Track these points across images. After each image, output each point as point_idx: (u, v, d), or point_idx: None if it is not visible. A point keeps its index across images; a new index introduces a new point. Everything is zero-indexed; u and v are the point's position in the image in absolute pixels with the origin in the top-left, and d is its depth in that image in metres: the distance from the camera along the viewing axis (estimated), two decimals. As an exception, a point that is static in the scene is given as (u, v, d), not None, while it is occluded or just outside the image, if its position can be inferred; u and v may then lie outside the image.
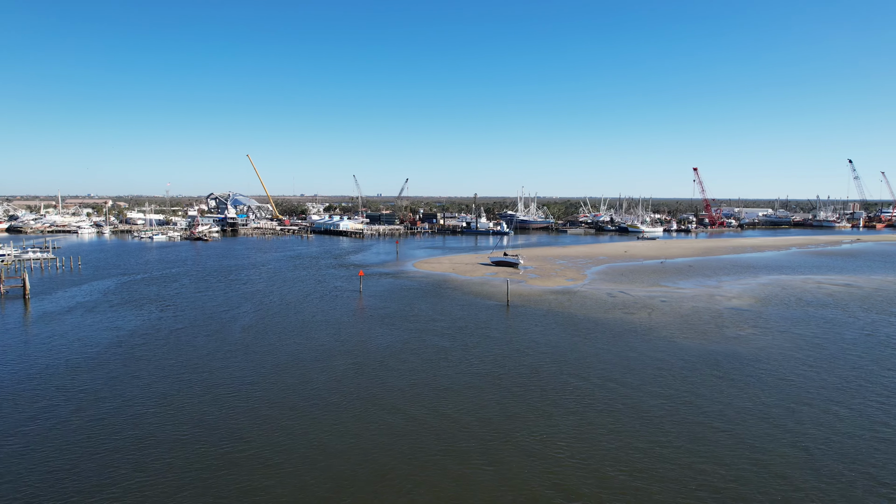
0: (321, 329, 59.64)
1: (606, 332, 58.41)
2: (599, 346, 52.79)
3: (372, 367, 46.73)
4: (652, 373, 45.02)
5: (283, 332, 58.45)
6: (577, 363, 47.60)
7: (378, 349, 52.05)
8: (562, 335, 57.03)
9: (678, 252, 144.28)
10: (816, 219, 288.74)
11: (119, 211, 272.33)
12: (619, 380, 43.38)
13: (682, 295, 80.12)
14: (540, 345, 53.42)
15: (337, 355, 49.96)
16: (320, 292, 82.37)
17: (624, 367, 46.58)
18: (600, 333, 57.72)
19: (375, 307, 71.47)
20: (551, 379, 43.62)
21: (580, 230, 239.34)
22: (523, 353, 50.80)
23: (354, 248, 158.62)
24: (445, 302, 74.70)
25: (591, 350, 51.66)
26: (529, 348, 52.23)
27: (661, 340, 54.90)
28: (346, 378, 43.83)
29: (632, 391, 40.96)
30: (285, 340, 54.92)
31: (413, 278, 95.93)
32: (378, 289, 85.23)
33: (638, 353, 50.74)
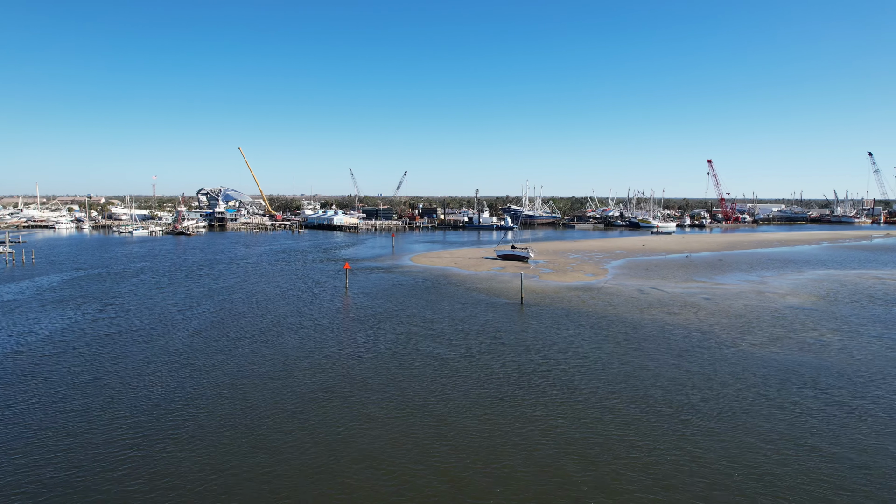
0: (290, 334, 47.46)
1: (649, 337, 46.19)
2: (646, 357, 40.59)
3: (347, 387, 34.55)
4: (732, 396, 32.79)
5: (240, 338, 46.26)
6: (625, 381, 35.39)
7: (358, 361, 39.85)
8: (594, 341, 44.81)
9: (701, 246, 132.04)
10: (834, 214, 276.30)
11: (102, 206, 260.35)
12: (691, 407, 31.16)
13: (725, 291, 67.89)
14: (568, 354, 41.21)
15: (303, 371, 37.77)
16: (299, 288, 70.20)
17: (689, 386, 34.37)
18: (642, 339, 45.51)
19: (362, 306, 59.33)
20: (596, 406, 31.42)
21: (588, 225, 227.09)
22: (549, 365, 38.60)
23: (347, 242, 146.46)
24: (445, 300, 62.52)
25: (636, 361, 39.44)
26: (556, 359, 40.03)
27: (724, 348, 42.67)
28: (309, 406, 31.64)
29: (718, 426, 28.73)
30: (240, 350, 42.74)
31: (409, 273, 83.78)
32: (367, 285, 73.06)
33: (699, 365, 38.53)
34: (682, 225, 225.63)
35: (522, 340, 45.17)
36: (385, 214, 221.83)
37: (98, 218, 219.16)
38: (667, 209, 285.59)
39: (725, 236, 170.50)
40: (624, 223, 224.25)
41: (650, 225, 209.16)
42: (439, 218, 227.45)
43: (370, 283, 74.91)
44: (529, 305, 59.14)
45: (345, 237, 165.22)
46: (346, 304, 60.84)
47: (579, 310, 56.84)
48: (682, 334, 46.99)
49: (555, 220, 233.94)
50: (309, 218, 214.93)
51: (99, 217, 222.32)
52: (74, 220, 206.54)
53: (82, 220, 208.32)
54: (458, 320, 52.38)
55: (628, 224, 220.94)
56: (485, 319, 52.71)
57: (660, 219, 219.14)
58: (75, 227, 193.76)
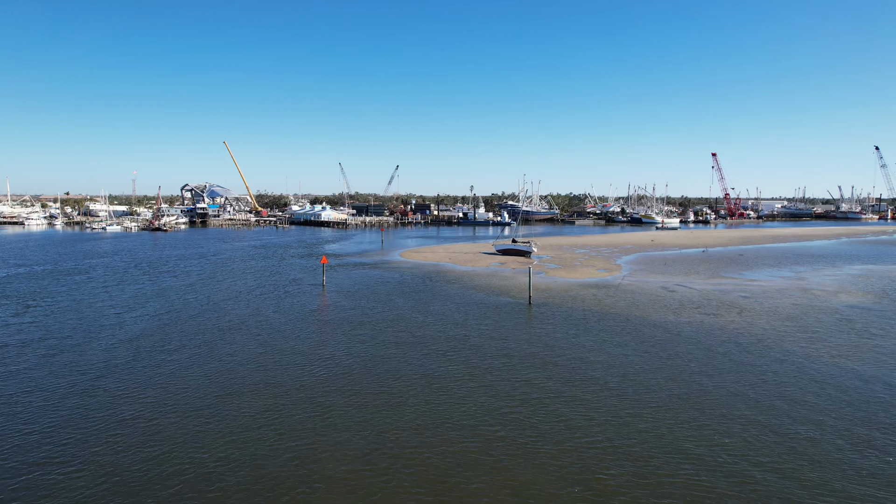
0: (242, 344, 37.70)
1: (693, 345, 36.71)
2: (701, 372, 31.06)
3: (301, 421, 24.86)
4: (856, 435, 23.31)
5: (177, 349, 36.45)
6: (685, 410, 25.84)
7: (322, 382, 30.15)
8: (627, 352, 35.28)
9: (713, 241, 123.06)
10: (840, 210, 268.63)
11: (78, 203, 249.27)
12: (803, 455, 21.63)
13: (762, 289, 58.58)
14: (598, 369, 31.64)
15: (244, 396, 28.04)
16: (269, 287, 60.39)
17: (778, 415, 24.85)
18: (686, 348, 36.01)
19: (339, 307, 49.60)
20: (659, 453, 21.84)
21: (588, 221, 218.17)
22: (576, 385, 29.03)
23: (334, 237, 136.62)
24: (438, 300, 52.89)
25: (690, 380, 29.90)
26: (585, 378, 30.45)
27: (798, 361, 33.23)
28: (240, 459, 21.93)
29: (878, 492, 19.23)
30: (169, 366, 32.94)
31: (398, 269, 74.08)
32: (349, 282, 63.31)
33: (777, 384, 29.04)
34: (686, 221, 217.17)
35: (536, 351, 35.57)
36: (376, 210, 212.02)
37: (73, 214, 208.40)
38: (667, 206, 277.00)
39: (735, 232, 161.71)
40: (625, 219, 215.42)
41: (653, 221, 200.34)
42: (433, 214, 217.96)
43: (352, 280, 65.15)
44: (538, 306, 49.57)
45: (332, 233, 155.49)
46: (321, 304, 51.10)
47: (598, 311, 47.31)
48: (734, 341, 37.52)
49: (553, 217, 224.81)
50: (296, 214, 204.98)
51: (74, 214, 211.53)
52: (48, 217, 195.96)
53: (56, 216, 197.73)
54: (452, 324, 42.73)
55: (630, 220, 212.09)
56: (486, 323, 43.10)
57: (663, 214, 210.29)
58: (47, 224, 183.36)
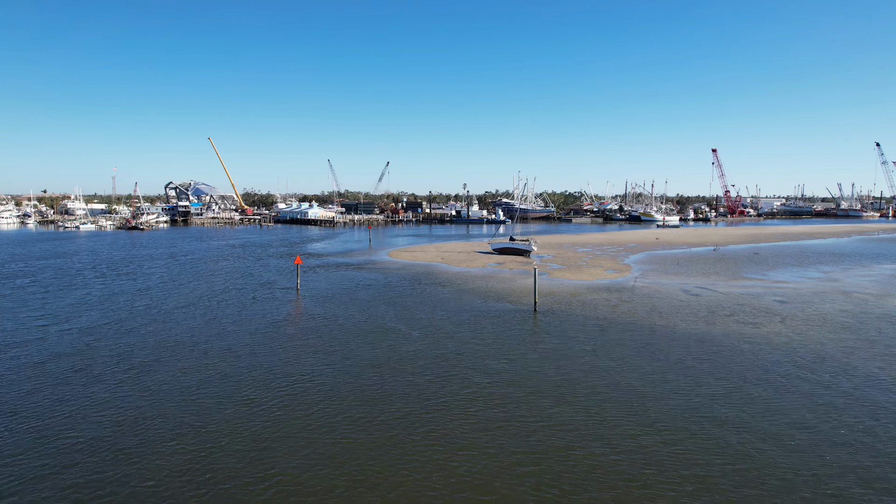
0: (182, 368, 30.27)
1: (745, 367, 29.66)
2: (771, 408, 23.98)
3: (238, 481, 17.49)
4: None
5: (96, 379, 28.98)
6: (776, 480, 18.73)
7: (271, 423, 22.78)
8: (667, 377, 28.14)
9: (722, 239, 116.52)
10: (840, 208, 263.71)
11: (54, 201, 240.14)
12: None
13: (796, 291, 51.74)
14: (633, 402, 24.51)
15: (170, 446, 20.64)
16: (237, 291, 52.94)
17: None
18: (737, 371, 28.94)
19: (311, 316, 42.27)
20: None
21: (586, 219, 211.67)
22: (611, 438, 21.86)
23: (320, 236, 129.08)
24: (427, 306, 45.63)
25: (760, 427, 22.82)
26: (618, 419, 23.28)
27: (887, 384, 26.25)
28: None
29: None
30: (85, 397, 25.49)
31: (384, 270, 66.76)
32: (328, 285, 55.96)
33: (876, 417, 22.01)
34: (686, 219, 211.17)
35: (548, 377, 28.38)
36: (366, 208, 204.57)
37: (49, 213, 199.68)
38: (664, 204, 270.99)
39: (740, 230, 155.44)
40: (624, 217, 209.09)
41: (652, 219, 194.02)
42: (425, 212, 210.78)
43: (331, 282, 57.77)
44: (544, 313, 42.42)
45: (319, 231, 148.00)
46: (290, 312, 43.71)
47: (615, 320, 40.23)
48: (792, 360, 30.50)
49: (549, 215, 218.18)
50: (282, 212, 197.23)
51: (50, 212, 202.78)
52: (21, 216, 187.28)
53: (30, 214, 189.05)
54: (443, 338, 35.48)
55: (628, 218, 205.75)
56: (483, 337, 35.89)
57: (662, 212, 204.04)
58: (20, 223, 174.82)
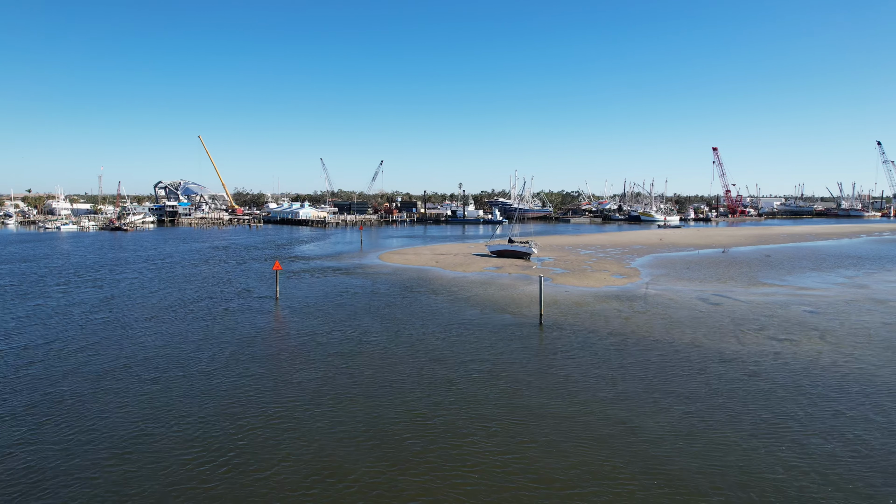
0: (126, 398, 25.37)
1: (788, 395, 24.96)
2: (847, 454, 19.28)
3: None
4: None
5: (19, 415, 24.05)
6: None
7: (227, 481, 17.89)
8: (697, 405, 23.37)
9: (728, 240, 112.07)
10: (841, 208, 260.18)
11: (37, 200, 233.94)
12: None
13: (824, 300, 47.15)
14: (669, 449, 19.73)
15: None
16: (210, 301, 47.98)
17: None
18: (778, 403, 24.23)
19: (287, 332, 37.39)
20: None
21: (584, 219, 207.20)
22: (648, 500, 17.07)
23: (309, 237, 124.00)
24: (418, 319, 40.79)
25: (828, 465, 18.08)
26: (651, 482, 18.49)
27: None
28: None
29: None
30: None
31: (374, 276, 61.87)
32: (311, 294, 51.05)
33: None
34: (686, 219, 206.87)
35: (564, 424, 23.61)
36: (359, 208, 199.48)
37: (32, 213, 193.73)
38: (664, 204, 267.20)
39: (744, 230, 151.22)
40: (623, 217, 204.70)
41: (653, 219, 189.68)
42: (419, 212, 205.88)
43: (315, 290, 52.85)
44: (551, 327, 37.66)
45: (310, 232, 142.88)
46: (264, 327, 38.81)
47: (631, 335, 35.50)
48: (845, 386, 25.81)
49: (547, 214, 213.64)
50: (272, 212, 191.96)
51: (34, 212, 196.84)
52: (2, 216, 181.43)
53: (11, 215, 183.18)
54: (434, 361, 30.64)
55: (628, 218, 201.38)
56: (481, 358, 31.08)
57: (662, 212, 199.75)
58: (0, 223, 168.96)
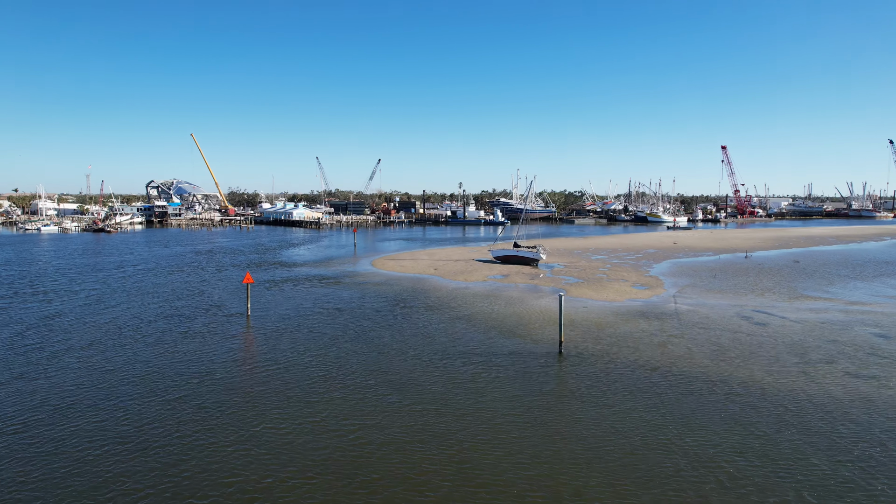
0: (23, 471, 18.49)
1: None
2: None
3: None
4: None
5: None
6: None
7: None
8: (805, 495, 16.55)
9: (746, 244, 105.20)
10: (852, 208, 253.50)
11: (22, 200, 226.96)
12: None
13: (889, 318, 40.35)
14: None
15: None
16: (172, 318, 41.14)
17: None
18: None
19: (253, 364, 30.55)
20: None
21: (589, 220, 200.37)
22: None
23: (302, 240, 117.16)
24: (409, 346, 33.94)
25: None
26: None
27: None
28: None
29: None
30: None
31: (364, 286, 55.04)
32: (289, 310, 44.20)
33: None
34: (694, 220, 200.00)
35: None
36: (356, 209, 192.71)
37: (17, 213, 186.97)
38: (669, 204, 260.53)
39: (756, 232, 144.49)
40: (629, 218, 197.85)
41: (660, 220, 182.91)
42: (418, 213, 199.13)
43: (295, 305, 46.00)
44: (573, 358, 30.85)
45: (303, 234, 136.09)
46: (227, 357, 31.97)
47: (671, 369, 28.68)
48: None
49: (550, 215, 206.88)
50: (266, 213, 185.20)
51: (18, 212, 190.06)
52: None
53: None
54: (424, 411, 23.78)
55: (634, 219, 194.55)
56: (489, 403, 24.25)
57: (670, 213, 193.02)
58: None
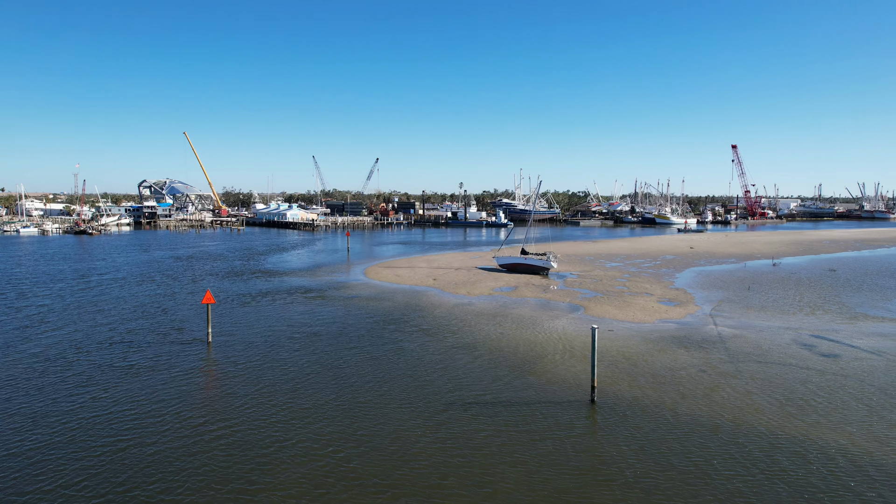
0: None
1: None
2: None
3: None
4: None
5: None
6: None
7: None
8: None
9: (766, 248, 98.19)
10: (864, 209, 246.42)
11: (12, 201, 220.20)
12: None
13: (976, 349, 33.50)
14: None
15: None
16: (125, 343, 34.31)
17: None
18: None
19: (205, 412, 23.69)
20: None
21: (595, 222, 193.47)
22: None
23: (293, 243, 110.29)
24: (397, 387, 27.06)
25: None
26: None
27: None
28: None
29: None
30: None
31: (353, 301, 48.17)
32: (260, 331, 37.32)
33: None
34: (703, 221, 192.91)
35: None
36: (353, 209, 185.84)
37: (1, 213, 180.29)
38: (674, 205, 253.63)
39: (772, 234, 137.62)
40: (636, 219, 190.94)
41: (669, 221, 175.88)
42: (418, 213, 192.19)
43: (268, 325, 39.11)
44: (606, 409, 24.04)
45: (296, 237, 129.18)
46: (165, 409, 25.14)
47: (733, 426, 21.88)
48: None
49: (554, 216, 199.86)
50: (259, 213, 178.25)
51: (2, 212, 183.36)
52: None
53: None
54: (417, 485, 16.94)
55: (641, 220, 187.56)
56: (501, 490, 17.39)
57: (680, 214, 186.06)
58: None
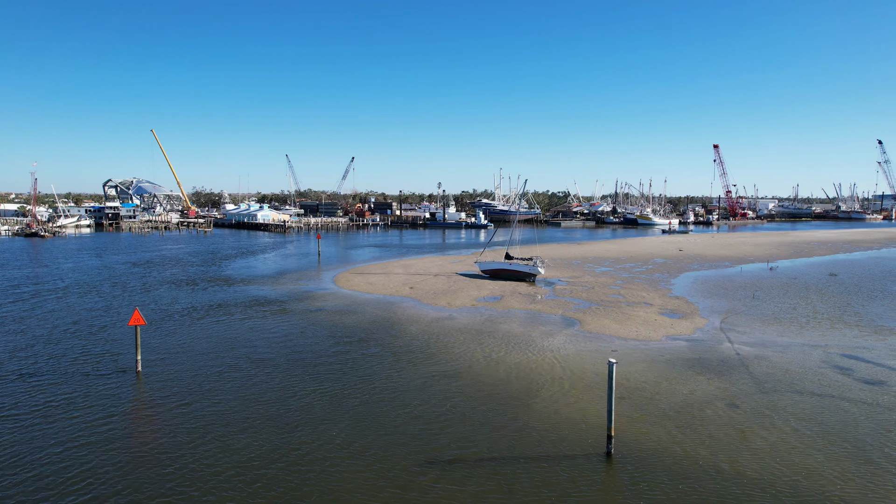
0: None
1: None
2: None
3: None
4: None
5: None
6: None
7: None
8: None
9: (755, 250, 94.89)
10: (841, 210, 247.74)
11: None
12: None
13: None
14: None
15: None
16: (39, 375, 28.21)
17: None
18: None
19: (118, 478, 17.94)
20: None
21: (577, 223, 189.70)
22: None
23: (262, 246, 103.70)
24: (368, 431, 21.63)
25: None
26: None
27: None
28: None
29: None
30: None
31: (317, 315, 42.46)
32: (205, 356, 31.49)
33: None
34: (685, 222, 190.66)
35: None
36: (327, 210, 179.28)
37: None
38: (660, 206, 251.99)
39: (756, 235, 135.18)
40: (618, 220, 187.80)
41: (651, 222, 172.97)
42: (395, 214, 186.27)
43: (215, 348, 33.25)
44: (627, 463, 18.97)
45: (267, 239, 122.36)
46: (107, 441, 19.28)
47: (789, 490, 16.98)
48: None
49: (535, 217, 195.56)
50: (228, 214, 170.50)
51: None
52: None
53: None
54: None
55: (623, 221, 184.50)
56: None
57: (661, 215, 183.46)
58: None
